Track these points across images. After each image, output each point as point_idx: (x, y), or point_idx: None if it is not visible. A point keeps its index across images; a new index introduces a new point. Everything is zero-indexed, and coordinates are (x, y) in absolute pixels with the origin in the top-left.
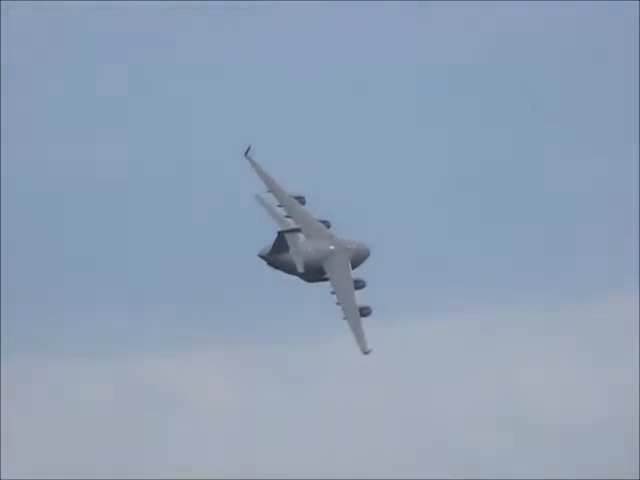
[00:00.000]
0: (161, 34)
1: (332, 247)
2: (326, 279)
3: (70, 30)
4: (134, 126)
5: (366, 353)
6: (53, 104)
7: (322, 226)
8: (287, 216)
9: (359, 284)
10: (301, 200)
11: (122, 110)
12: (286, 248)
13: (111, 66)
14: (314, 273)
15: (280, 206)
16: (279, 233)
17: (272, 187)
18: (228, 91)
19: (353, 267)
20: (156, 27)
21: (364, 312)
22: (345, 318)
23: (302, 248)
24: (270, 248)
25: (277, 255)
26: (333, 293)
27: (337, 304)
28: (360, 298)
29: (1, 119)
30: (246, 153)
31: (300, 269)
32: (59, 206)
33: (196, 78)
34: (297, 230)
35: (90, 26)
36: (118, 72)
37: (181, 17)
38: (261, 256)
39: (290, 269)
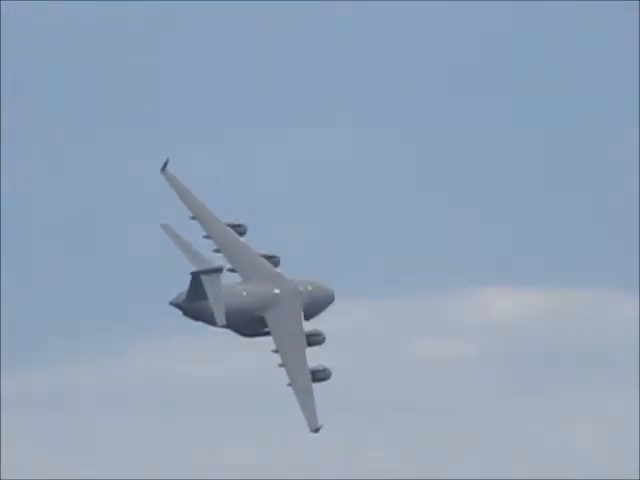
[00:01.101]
0: None
1: (277, 291)
2: (268, 333)
3: None
4: None
5: (315, 431)
6: None
7: (266, 263)
8: (217, 250)
9: (315, 339)
10: (239, 229)
11: None
12: (221, 290)
13: None
14: (251, 325)
15: (208, 237)
16: (193, 274)
17: (198, 212)
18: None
19: (308, 316)
20: None
21: (318, 376)
22: (290, 384)
23: (232, 292)
24: (185, 294)
25: (195, 302)
26: (276, 351)
27: (280, 366)
28: (315, 357)
29: None
30: (163, 167)
31: (220, 322)
32: None
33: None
34: (218, 270)
35: None
36: None
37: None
38: (175, 304)
39: (214, 320)
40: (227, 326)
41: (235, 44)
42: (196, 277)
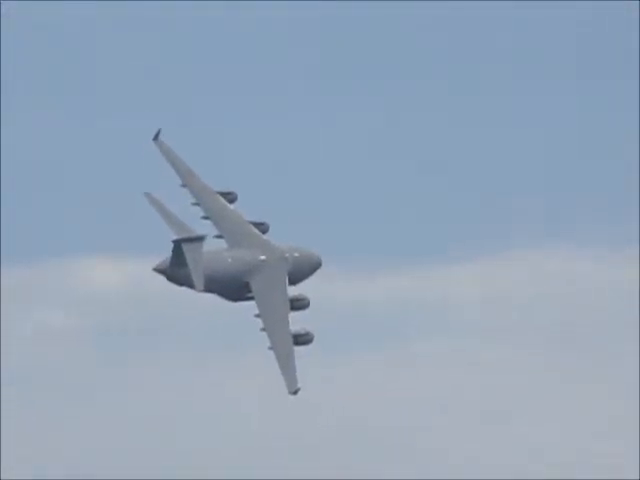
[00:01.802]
0: None
1: (263, 257)
2: (253, 298)
3: None
4: None
5: (294, 393)
6: None
7: (253, 230)
8: (205, 217)
9: (299, 303)
10: (229, 197)
11: None
12: (201, 259)
13: None
14: (236, 290)
15: (197, 204)
16: (174, 242)
17: (188, 180)
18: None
19: (295, 281)
20: None
21: (301, 339)
22: (271, 348)
23: (217, 258)
24: (169, 261)
25: (178, 269)
26: (258, 316)
27: (262, 330)
28: (299, 321)
29: None
30: (155, 137)
31: (199, 288)
32: None
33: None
34: (200, 239)
35: None
36: None
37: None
38: (158, 270)
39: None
40: (212, 291)
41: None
42: (177, 245)
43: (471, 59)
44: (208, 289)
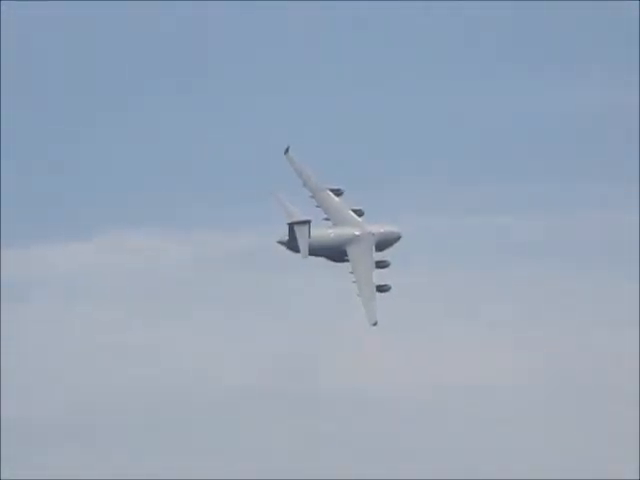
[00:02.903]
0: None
1: (357, 233)
2: (348, 260)
3: None
4: None
5: (373, 324)
6: None
7: (352, 215)
8: (318, 206)
9: (383, 264)
10: (338, 192)
11: None
12: (307, 236)
13: None
14: (337, 255)
15: (312, 197)
16: (289, 225)
17: (307, 182)
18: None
19: (381, 249)
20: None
21: (382, 288)
22: (359, 294)
23: (324, 234)
24: (287, 236)
25: (293, 242)
26: (352, 272)
27: (353, 282)
28: (383, 277)
29: None
30: (286, 152)
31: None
32: None
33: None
34: (306, 222)
35: None
36: None
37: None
38: (280, 242)
39: (310, 252)
40: (321, 255)
41: None
42: (291, 227)
43: None
44: (319, 254)
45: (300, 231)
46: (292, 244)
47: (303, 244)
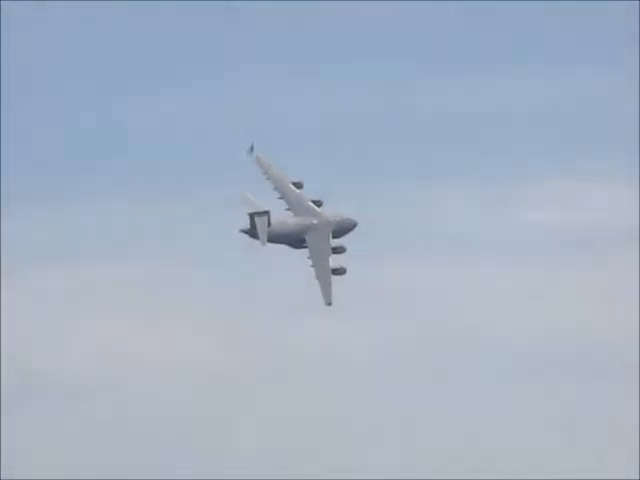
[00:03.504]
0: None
1: (315, 222)
2: (307, 247)
3: None
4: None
5: (328, 304)
6: None
7: (311, 205)
8: (280, 198)
9: (339, 250)
10: (298, 185)
11: None
12: (266, 225)
13: None
14: (297, 242)
15: (275, 189)
16: (250, 215)
17: (270, 176)
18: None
19: (338, 236)
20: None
21: (337, 271)
22: (316, 277)
23: (285, 222)
24: (249, 225)
25: (254, 231)
26: (309, 258)
27: (311, 266)
28: (339, 261)
29: None
30: (250, 149)
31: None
32: None
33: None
34: (265, 213)
35: None
36: None
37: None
38: (242, 231)
39: (270, 240)
40: (281, 242)
41: None
42: (252, 217)
43: None
44: (280, 242)
45: (260, 221)
46: (253, 232)
47: (262, 233)
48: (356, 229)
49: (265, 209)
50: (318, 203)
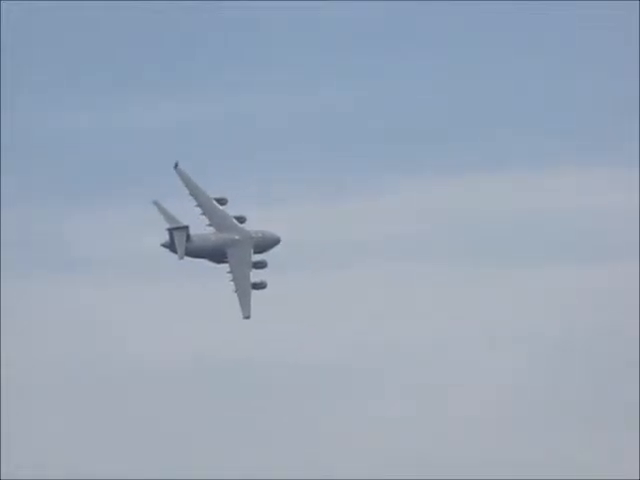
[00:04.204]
0: None
1: (237, 237)
2: (228, 261)
3: None
4: None
5: (246, 317)
6: None
7: (234, 221)
8: (202, 214)
9: (260, 264)
10: (222, 201)
11: None
12: (184, 240)
13: None
14: (218, 257)
15: (198, 206)
16: (169, 230)
17: (193, 192)
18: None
19: (260, 251)
20: None
21: (258, 285)
22: (235, 291)
23: (207, 238)
24: (169, 240)
25: (173, 245)
26: (229, 272)
27: (231, 281)
28: (259, 276)
29: None
30: (175, 166)
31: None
32: None
33: None
34: (184, 228)
35: None
36: None
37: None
38: (163, 245)
39: (192, 254)
40: (203, 257)
41: None
42: (171, 232)
43: None
44: (201, 256)
45: (178, 236)
46: (172, 247)
47: (180, 247)
48: (280, 244)
49: (183, 224)
50: (241, 219)
